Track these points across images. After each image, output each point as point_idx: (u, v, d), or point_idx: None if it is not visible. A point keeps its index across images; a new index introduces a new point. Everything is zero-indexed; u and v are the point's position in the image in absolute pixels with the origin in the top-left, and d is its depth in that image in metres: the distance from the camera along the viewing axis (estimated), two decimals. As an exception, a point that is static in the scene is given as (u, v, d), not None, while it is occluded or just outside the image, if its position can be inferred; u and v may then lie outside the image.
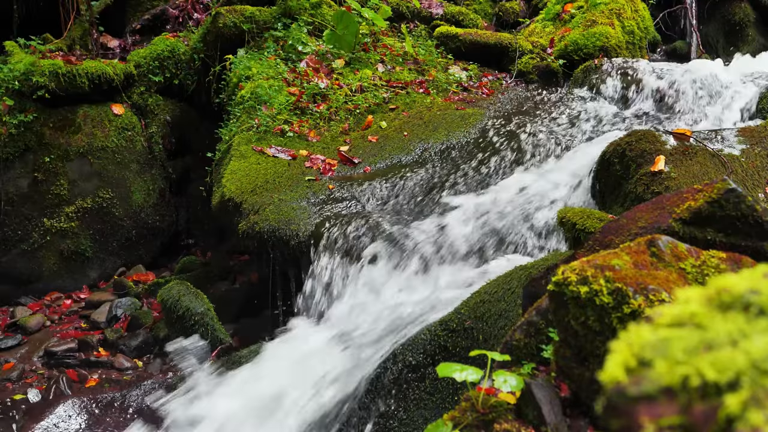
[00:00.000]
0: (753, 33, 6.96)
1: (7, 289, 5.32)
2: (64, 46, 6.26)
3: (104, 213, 5.58)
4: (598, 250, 1.83)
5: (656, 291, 1.35)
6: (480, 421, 1.51)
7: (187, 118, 6.13)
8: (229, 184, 4.36)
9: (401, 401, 2.76)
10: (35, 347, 4.64)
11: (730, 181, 1.78)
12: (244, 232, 4.00)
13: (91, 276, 5.55)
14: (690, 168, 3.26)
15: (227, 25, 5.70)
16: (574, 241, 2.72)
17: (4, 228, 5.36)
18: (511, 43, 5.99)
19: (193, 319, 4.06)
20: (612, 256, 1.45)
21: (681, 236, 1.74)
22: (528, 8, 7.32)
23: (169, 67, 6.03)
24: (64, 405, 3.91)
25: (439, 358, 2.74)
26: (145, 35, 6.71)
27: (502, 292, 2.77)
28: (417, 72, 5.68)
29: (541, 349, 1.71)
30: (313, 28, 5.83)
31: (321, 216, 3.96)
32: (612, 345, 0.67)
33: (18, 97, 5.36)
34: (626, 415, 0.62)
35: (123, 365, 4.38)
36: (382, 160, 4.56)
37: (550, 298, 1.50)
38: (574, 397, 1.53)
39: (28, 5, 6.63)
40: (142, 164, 5.78)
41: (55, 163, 5.43)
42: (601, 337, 1.40)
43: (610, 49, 5.64)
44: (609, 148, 3.52)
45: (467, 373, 1.56)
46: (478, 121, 4.84)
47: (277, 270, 4.05)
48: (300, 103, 5.03)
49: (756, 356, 0.60)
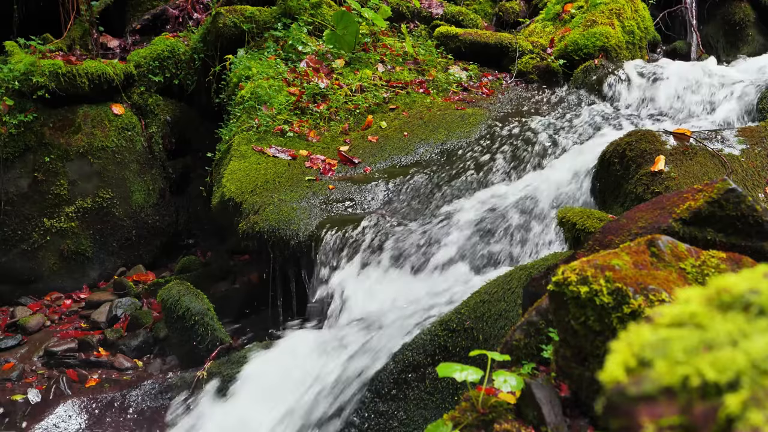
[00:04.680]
0: (753, 33, 6.96)
1: (7, 289, 5.32)
2: (64, 46, 6.26)
3: (104, 213, 5.58)
4: (598, 250, 1.83)
5: (656, 291, 1.35)
6: (480, 421, 1.51)
7: (187, 118, 6.12)
8: (229, 184, 4.36)
9: (401, 401, 2.76)
10: (35, 347, 4.64)
11: (730, 181, 1.78)
12: (244, 232, 4.00)
13: (91, 276, 5.55)
14: (690, 168, 3.26)
15: (227, 25, 5.70)
16: (574, 241, 2.72)
17: (4, 228, 5.36)
18: (511, 43, 5.99)
19: (193, 319, 4.06)
20: (612, 256, 1.45)
21: (681, 236, 1.74)
22: (528, 8, 7.32)
23: (169, 67, 6.03)
24: (64, 405, 3.91)
25: (440, 358, 2.74)
26: (145, 35, 6.71)
27: (502, 292, 2.77)
28: (417, 72, 5.68)
29: (541, 349, 1.71)
30: (313, 28, 5.83)
31: (321, 216, 3.96)
32: (612, 345, 0.67)
33: (18, 97, 5.36)
34: (626, 415, 0.62)
35: (123, 365, 4.38)
36: (382, 161, 4.56)
37: (550, 298, 1.50)
38: (574, 397, 1.53)
39: (28, 5, 6.63)
40: (142, 164, 5.78)
41: (55, 163, 5.43)
42: (601, 337, 1.40)
43: (610, 49, 5.64)
44: (609, 148, 3.52)
45: (467, 373, 1.56)
46: (479, 121, 4.84)
47: (277, 270, 4.05)
48: (300, 103, 5.03)
49: (756, 356, 0.60)
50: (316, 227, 3.83)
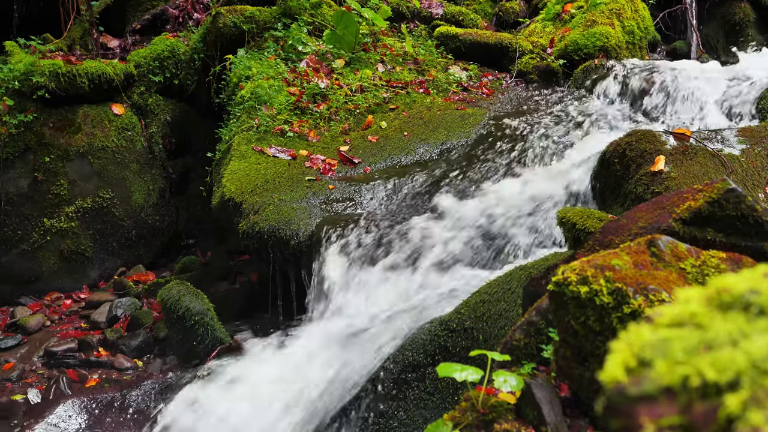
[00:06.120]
0: (753, 33, 6.95)
1: (7, 289, 5.32)
2: (64, 46, 6.26)
3: (104, 213, 5.58)
4: (598, 250, 1.83)
5: (656, 291, 1.35)
6: (480, 421, 1.51)
7: (187, 118, 6.12)
8: (229, 184, 4.36)
9: (401, 401, 2.76)
10: (35, 347, 4.64)
11: (730, 181, 1.78)
12: (244, 232, 4.00)
13: (91, 276, 5.55)
14: (690, 168, 3.26)
15: (227, 25, 5.70)
16: (574, 241, 2.72)
17: (4, 228, 5.36)
18: (511, 43, 5.99)
19: (193, 319, 4.06)
20: (612, 256, 1.45)
21: (681, 236, 1.74)
22: (528, 8, 7.32)
23: (169, 67, 6.03)
24: (64, 405, 3.91)
25: (440, 358, 2.74)
26: (145, 35, 6.71)
27: (502, 292, 2.77)
28: (417, 72, 5.68)
29: (541, 349, 1.71)
30: (313, 28, 5.83)
31: (321, 216, 3.96)
32: (612, 345, 0.67)
33: (18, 97, 5.36)
34: (626, 415, 0.62)
35: (123, 365, 4.38)
36: (382, 160, 4.56)
37: (550, 298, 1.50)
38: (574, 397, 1.53)
39: (28, 5, 6.63)
40: (142, 164, 5.78)
41: (55, 163, 5.43)
42: (601, 337, 1.40)
43: (610, 49, 5.64)
44: (609, 148, 3.52)
45: (467, 373, 1.56)
46: (479, 121, 4.84)
47: (277, 270, 4.05)
48: (300, 103, 5.03)
49: (756, 356, 0.60)
50: (316, 227, 3.83)
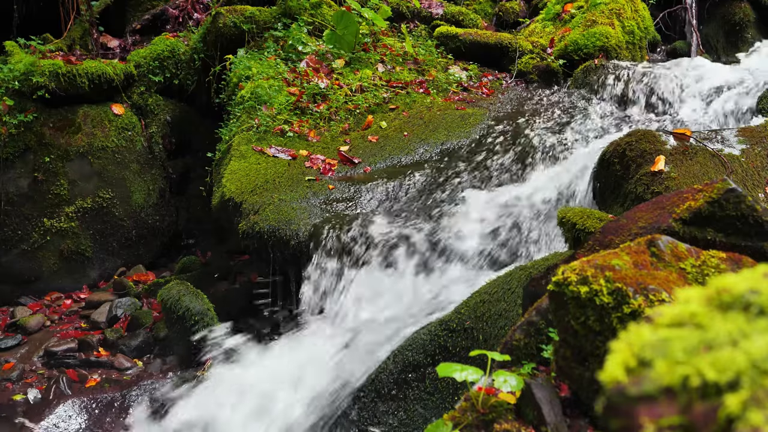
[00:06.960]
0: (753, 33, 6.95)
1: (7, 289, 5.32)
2: (64, 46, 6.26)
3: (104, 213, 5.58)
4: (598, 250, 1.83)
5: (656, 291, 1.35)
6: (480, 421, 1.51)
7: (187, 118, 6.12)
8: (229, 184, 4.36)
9: (401, 401, 2.76)
10: (35, 347, 4.64)
11: (730, 181, 1.78)
12: (244, 232, 4.00)
13: (91, 276, 5.55)
14: (690, 168, 3.26)
15: (227, 25, 5.70)
16: (574, 241, 2.72)
17: (4, 228, 5.36)
18: (511, 43, 5.99)
19: (193, 319, 4.06)
20: (612, 256, 1.45)
21: (681, 236, 1.74)
22: (528, 8, 7.31)
23: (169, 67, 6.03)
24: (64, 405, 3.91)
25: (440, 358, 2.74)
26: (145, 35, 6.71)
27: (502, 292, 2.77)
28: (417, 72, 5.68)
29: (541, 349, 1.71)
30: (313, 28, 5.83)
31: (321, 216, 3.96)
32: (612, 345, 0.67)
33: (18, 97, 5.36)
34: (626, 415, 0.62)
35: (123, 365, 4.38)
36: (382, 161, 4.56)
37: (550, 298, 1.50)
38: (574, 397, 1.53)
39: (28, 5, 6.63)
40: (142, 164, 5.78)
41: (55, 163, 5.43)
42: (601, 337, 1.40)
43: (610, 49, 5.64)
44: (609, 148, 3.52)
45: (467, 373, 1.56)
46: (479, 121, 4.84)
47: (277, 270, 4.05)
48: (300, 103, 5.03)
49: (756, 356, 0.60)
50: (316, 227, 3.83)
